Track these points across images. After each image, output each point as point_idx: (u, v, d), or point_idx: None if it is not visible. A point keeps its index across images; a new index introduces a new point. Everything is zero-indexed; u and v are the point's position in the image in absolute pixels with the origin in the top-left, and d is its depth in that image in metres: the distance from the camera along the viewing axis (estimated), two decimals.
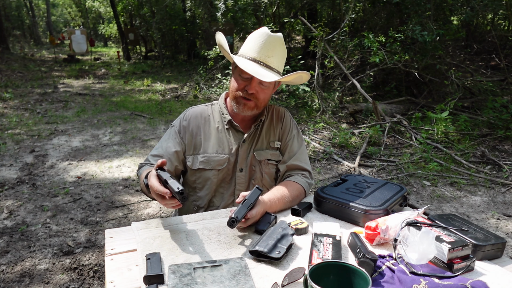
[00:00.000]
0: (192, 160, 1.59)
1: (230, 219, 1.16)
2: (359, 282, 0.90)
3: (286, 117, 1.69)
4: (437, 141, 5.15)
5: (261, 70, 1.44)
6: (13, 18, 27.49)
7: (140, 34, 17.11)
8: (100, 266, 2.57)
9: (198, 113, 1.63)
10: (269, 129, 1.65)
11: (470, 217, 3.33)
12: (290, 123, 1.68)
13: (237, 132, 1.61)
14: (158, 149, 1.59)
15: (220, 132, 1.61)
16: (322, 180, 4.08)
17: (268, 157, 1.62)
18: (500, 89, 7.03)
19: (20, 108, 7.36)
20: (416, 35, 5.95)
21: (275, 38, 1.47)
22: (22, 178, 4.04)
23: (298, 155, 1.63)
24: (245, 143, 1.60)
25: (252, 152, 1.61)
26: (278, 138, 1.65)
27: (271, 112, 1.68)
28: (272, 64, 1.48)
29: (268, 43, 1.46)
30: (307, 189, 1.58)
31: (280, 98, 8.09)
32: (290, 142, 1.64)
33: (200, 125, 1.61)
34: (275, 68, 1.49)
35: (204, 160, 1.58)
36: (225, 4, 9.74)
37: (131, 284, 1.02)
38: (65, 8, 36.72)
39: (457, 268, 1.02)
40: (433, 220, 1.23)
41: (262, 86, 1.49)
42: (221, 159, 1.58)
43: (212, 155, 1.58)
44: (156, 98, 8.69)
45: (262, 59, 1.46)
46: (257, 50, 1.46)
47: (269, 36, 1.46)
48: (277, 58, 1.49)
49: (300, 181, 1.56)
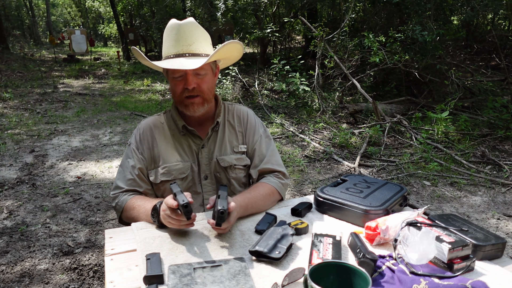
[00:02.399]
0: (154, 174, 1.50)
1: (219, 211, 1.12)
2: (359, 282, 0.90)
3: (250, 117, 1.59)
4: (437, 141, 5.14)
5: (188, 60, 1.36)
6: (13, 18, 27.48)
7: (140, 34, 17.11)
8: (100, 266, 2.57)
9: (151, 124, 1.54)
10: (231, 133, 1.56)
11: (470, 217, 3.33)
12: (254, 124, 1.58)
13: (194, 137, 1.52)
14: (125, 172, 1.49)
15: (177, 139, 1.52)
16: (322, 180, 4.08)
17: (233, 163, 1.53)
18: (500, 89, 7.03)
19: (20, 108, 7.36)
20: (416, 35, 5.95)
21: (187, 25, 1.38)
22: (22, 178, 4.03)
23: (268, 157, 1.55)
24: (204, 148, 1.52)
25: (215, 158, 1.52)
26: (242, 142, 1.56)
27: (231, 113, 1.58)
28: (197, 49, 1.39)
29: (182, 32, 1.37)
30: (281, 190, 1.51)
31: (280, 98, 8.09)
32: (257, 145, 1.56)
33: (155, 135, 1.52)
34: (202, 52, 1.41)
35: (165, 172, 1.48)
36: (225, 4, 9.74)
37: (131, 284, 1.02)
38: (65, 8, 36.71)
39: (457, 268, 1.02)
40: (433, 220, 1.23)
41: (199, 76, 1.40)
42: (183, 167, 1.49)
43: (172, 164, 1.49)
44: (156, 98, 8.69)
45: (185, 50, 1.38)
46: (174, 44, 1.38)
47: (180, 25, 1.37)
48: (199, 42, 1.40)
49: (272, 182, 1.50)
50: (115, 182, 1.51)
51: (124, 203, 1.44)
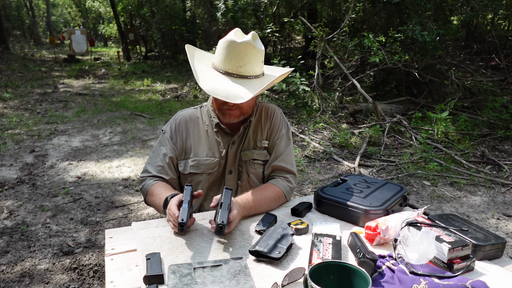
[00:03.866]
0: (184, 165, 1.56)
1: (218, 225, 1.13)
2: (359, 282, 0.90)
3: (276, 115, 1.62)
4: (437, 141, 5.15)
5: (234, 87, 1.34)
6: (13, 18, 27.49)
7: (140, 34, 17.12)
8: (100, 266, 2.57)
9: (188, 117, 1.60)
10: (256, 128, 1.59)
11: (470, 217, 3.33)
12: (280, 122, 1.61)
13: (226, 134, 1.57)
14: (156, 158, 1.56)
15: (210, 135, 1.57)
16: (322, 180, 4.08)
17: (253, 157, 1.57)
18: (500, 89, 7.03)
19: (20, 108, 7.36)
20: (416, 35, 5.95)
21: (243, 45, 1.34)
22: (22, 178, 4.03)
23: (284, 156, 1.58)
24: (234, 144, 1.56)
25: (239, 153, 1.57)
26: (266, 137, 1.60)
27: (259, 110, 1.61)
28: (246, 72, 1.37)
29: (237, 52, 1.34)
30: (288, 194, 1.53)
31: (280, 98, 8.09)
32: (278, 141, 1.59)
33: (190, 128, 1.58)
34: (251, 75, 1.39)
35: (195, 164, 1.55)
36: (225, 4, 9.74)
37: (131, 284, 1.02)
38: (65, 8, 36.71)
39: (457, 268, 1.02)
40: (433, 220, 1.23)
41: None
42: (212, 163, 1.55)
43: (202, 159, 1.55)
44: (156, 98, 8.69)
45: (234, 71, 1.37)
46: (227, 62, 1.36)
47: (236, 45, 1.34)
48: (250, 64, 1.38)
49: (281, 184, 1.52)
50: (145, 166, 1.58)
51: (148, 187, 1.51)
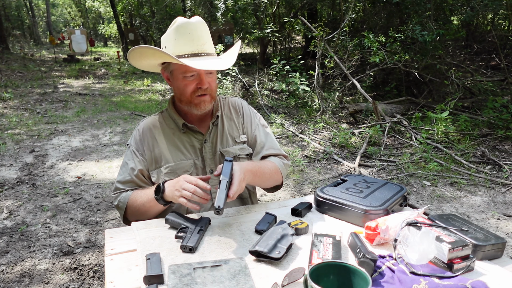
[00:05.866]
0: (156, 174, 1.50)
1: (215, 210, 1.16)
2: (359, 282, 0.90)
3: (244, 107, 1.64)
4: (437, 141, 5.14)
5: (207, 61, 1.37)
6: (13, 18, 27.48)
7: (140, 34, 17.11)
8: (100, 266, 2.57)
9: (151, 125, 1.55)
10: (230, 125, 1.59)
11: (470, 217, 3.33)
12: (249, 113, 1.63)
13: (196, 134, 1.54)
14: (124, 174, 1.50)
15: (178, 137, 1.53)
16: (322, 180, 4.08)
17: (237, 153, 1.57)
18: (500, 89, 7.04)
19: (20, 108, 7.36)
20: (416, 35, 5.95)
21: (199, 24, 1.38)
22: (22, 178, 4.03)
23: (268, 143, 1.60)
24: (207, 143, 1.54)
25: (219, 151, 1.55)
26: (242, 132, 1.60)
27: (226, 105, 1.62)
28: (209, 49, 1.41)
29: (195, 31, 1.37)
30: (283, 170, 1.56)
31: (280, 98, 8.09)
32: (256, 133, 1.60)
33: (156, 135, 1.52)
34: (212, 52, 1.43)
35: (169, 171, 1.49)
36: (225, 4, 9.75)
37: (131, 284, 1.02)
38: (65, 8, 36.72)
39: (457, 268, 1.02)
40: (433, 220, 1.23)
41: (210, 75, 1.43)
42: (186, 165, 1.51)
43: (175, 164, 1.50)
44: (156, 98, 8.69)
45: (200, 50, 1.38)
46: (189, 43, 1.37)
47: (192, 25, 1.37)
48: (210, 43, 1.42)
49: (276, 160, 1.55)
50: (115, 183, 1.53)
51: (127, 198, 1.46)
